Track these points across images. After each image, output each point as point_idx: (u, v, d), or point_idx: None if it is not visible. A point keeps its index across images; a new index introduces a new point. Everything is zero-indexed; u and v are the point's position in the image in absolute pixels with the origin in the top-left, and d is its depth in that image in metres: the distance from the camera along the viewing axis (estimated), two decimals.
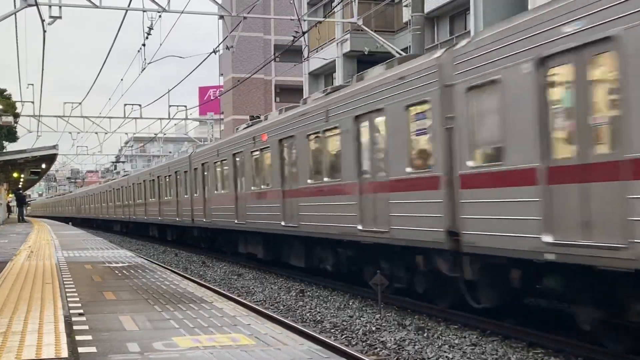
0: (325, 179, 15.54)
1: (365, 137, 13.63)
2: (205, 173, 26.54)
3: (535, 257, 8.98)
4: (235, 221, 21.80)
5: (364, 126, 13.60)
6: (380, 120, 12.93)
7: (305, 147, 16.77)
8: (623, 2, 7.69)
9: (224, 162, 23.54)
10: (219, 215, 24.12)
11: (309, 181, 16.52)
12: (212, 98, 60.10)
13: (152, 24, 23.05)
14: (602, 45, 8.00)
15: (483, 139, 10.17)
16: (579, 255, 8.25)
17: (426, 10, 21.27)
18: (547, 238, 8.71)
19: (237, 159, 22.79)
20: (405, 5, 28.20)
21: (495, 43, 9.68)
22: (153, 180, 37.22)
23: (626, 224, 7.63)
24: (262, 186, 20.41)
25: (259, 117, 23.79)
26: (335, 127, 14.80)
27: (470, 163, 10.37)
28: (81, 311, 9.65)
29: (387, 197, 12.68)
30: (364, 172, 13.66)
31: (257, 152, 20.58)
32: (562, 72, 8.63)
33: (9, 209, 77.00)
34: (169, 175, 32.90)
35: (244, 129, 23.04)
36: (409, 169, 12.04)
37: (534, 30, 8.93)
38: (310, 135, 16.38)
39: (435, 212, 11.17)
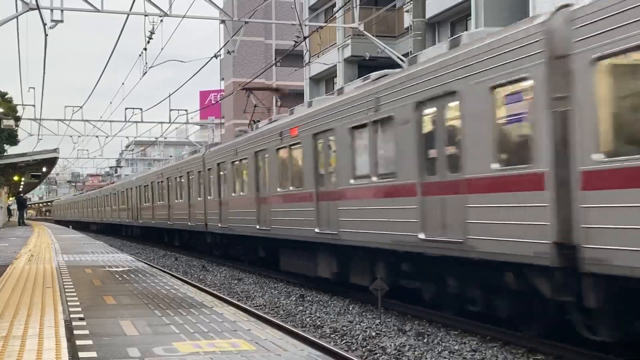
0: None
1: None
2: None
3: None
4: (257, 227, 19.73)
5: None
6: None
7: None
8: None
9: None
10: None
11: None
12: (212, 102, 60.17)
13: (153, 28, 23.07)
14: None
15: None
16: None
17: (427, 15, 21.29)
18: None
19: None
20: (407, 11, 28.24)
21: None
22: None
23: None
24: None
25: (260, 121, 23.79)
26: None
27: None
28: (81, 315, 9.66)
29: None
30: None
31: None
32: None
33: (9, 212, 77.00)
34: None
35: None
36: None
37: None
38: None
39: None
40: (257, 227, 19.44)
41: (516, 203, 9.16)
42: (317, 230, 15.60)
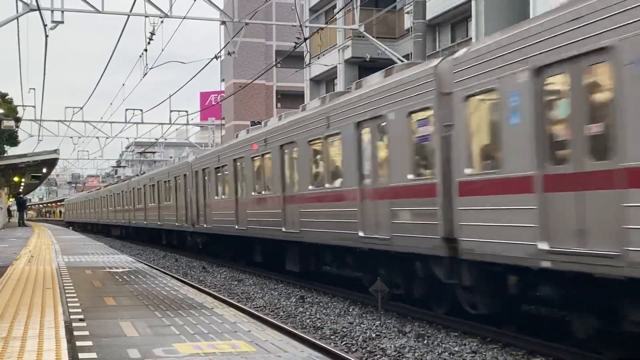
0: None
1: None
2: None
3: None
4: (283, 229, 17.77)
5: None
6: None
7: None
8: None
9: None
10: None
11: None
12: (213, 103, 60.19)
13: (154, 29, 23.08)
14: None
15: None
16: None
17: (428, 17, 21.29)
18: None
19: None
20: (407, 12, 28.27)
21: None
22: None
23: None
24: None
25: (260, 123, 23.84)
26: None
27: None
28: (81, 317, 9.66)
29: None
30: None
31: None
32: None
33: (9, 213, 77.02)
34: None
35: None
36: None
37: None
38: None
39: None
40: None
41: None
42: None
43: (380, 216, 12.90)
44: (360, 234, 13.56)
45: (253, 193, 20.65)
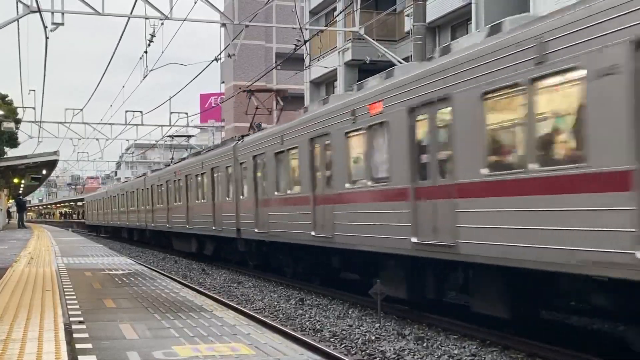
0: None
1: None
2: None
3: None
4: (313, 233, 16.04)
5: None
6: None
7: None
8: None
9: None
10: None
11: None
12: (213, 105, 60.21)
13: (154, 31, 23.09)
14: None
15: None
16: None
17: (428, 19, 21.30)
18: None
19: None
20: (407, 15, 28.27)
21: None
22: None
23: None
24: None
25: (260, 124, 23.83)
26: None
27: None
28: (81, 319, 9.66)
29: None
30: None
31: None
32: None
33: (9, 215, 77.02)
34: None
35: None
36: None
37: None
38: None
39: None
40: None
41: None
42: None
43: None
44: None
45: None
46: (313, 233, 15.97)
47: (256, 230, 19.91)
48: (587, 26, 7.94)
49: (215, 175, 24.68)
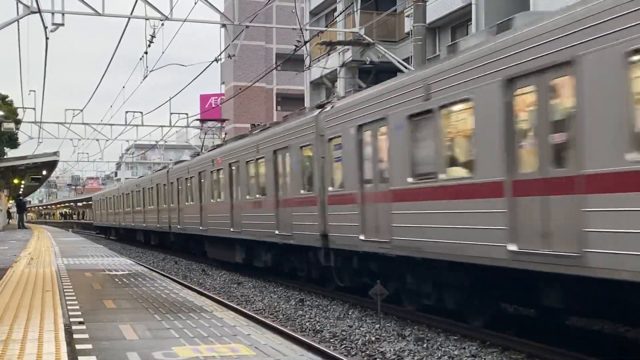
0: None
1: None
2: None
3: None
4: (200, 227, 20.42)
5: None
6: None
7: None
8: None
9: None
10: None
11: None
12: (213, 106, 60.22)
13: (154, 32, 23.10)
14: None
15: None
16: None
17: (428, 20, 21.30)
18: None
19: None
20: (407, 16, 28.28)
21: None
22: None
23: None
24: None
25: (260, 125, 23.85)
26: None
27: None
28: (81, 319, 9.66)
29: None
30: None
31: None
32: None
33: (9, 215, 77.03)
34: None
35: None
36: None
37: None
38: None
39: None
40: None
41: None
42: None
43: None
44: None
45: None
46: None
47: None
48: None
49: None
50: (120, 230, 50.44)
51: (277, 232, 17.95)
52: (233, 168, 22.12)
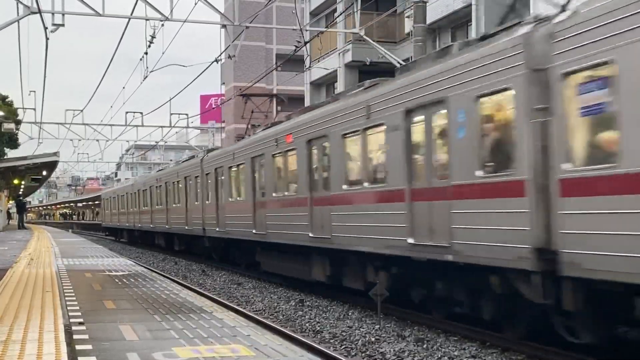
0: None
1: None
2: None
3: None
4: (186, 227, 25.71)
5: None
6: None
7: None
8: None
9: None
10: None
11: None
12: (213, 106, 60.21)
13: (154, 32, 23.10)
14: None
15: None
16: None
17: (428, 21, 21.31)
18: None
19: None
20: (407, 17, 28.30)
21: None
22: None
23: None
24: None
25: (260, 126, 23.85)
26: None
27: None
28: (81, 320, 9.67)
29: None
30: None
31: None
32: None
33: (9, 216, 77.03)
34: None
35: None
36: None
37: None
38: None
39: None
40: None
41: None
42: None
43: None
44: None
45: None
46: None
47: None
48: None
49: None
50: (134, 232, 43.80)
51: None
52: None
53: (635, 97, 7.43)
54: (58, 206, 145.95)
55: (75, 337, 8.39)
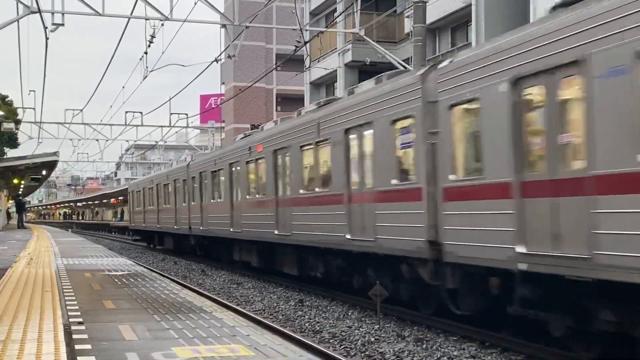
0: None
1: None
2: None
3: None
4: (175, 227, 30.76)
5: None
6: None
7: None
8: None
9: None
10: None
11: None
12: (213, 106, 60.21)
13: (154, 32, 23.10)
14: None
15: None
16: None
17: (428, 21, 21.29)
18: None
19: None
20: (407, 17, 28.28)
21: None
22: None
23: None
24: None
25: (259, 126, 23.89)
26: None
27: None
28: (80, 320, 9.66)
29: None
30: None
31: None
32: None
33: (8, 215, 77.02)
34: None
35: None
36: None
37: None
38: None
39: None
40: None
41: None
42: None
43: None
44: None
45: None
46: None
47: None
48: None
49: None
50: (190, 238, 29.62)
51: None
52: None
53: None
54: (57, 206, 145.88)
55: (74, 336, 8.38)
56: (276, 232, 18.27)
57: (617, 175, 7.63)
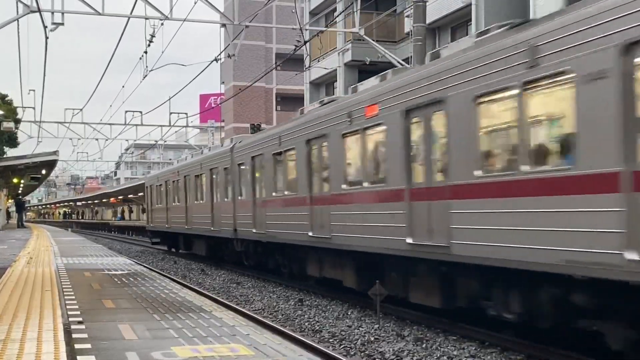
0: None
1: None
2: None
3: None
4: (185, 226, 30.29)
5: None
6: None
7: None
8: None
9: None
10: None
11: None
12: (213, 106, 60.21)
13: (154, 31, 23.09)
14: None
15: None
16: None
17: (428, 20, 21.29)
18: None
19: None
20: (407, 16, 28.26)
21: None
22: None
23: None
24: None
25: (260, 126, 23.89)
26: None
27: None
28: (80, 319, 9.66)
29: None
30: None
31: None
32: None
33: (8, 215, 77.04)
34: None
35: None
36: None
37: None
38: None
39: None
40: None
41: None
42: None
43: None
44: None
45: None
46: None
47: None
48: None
49: None
50: (234, 243, 23.17)
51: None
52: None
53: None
54: (57, 205, 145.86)
55: (74, 336, 8.38)
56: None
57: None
